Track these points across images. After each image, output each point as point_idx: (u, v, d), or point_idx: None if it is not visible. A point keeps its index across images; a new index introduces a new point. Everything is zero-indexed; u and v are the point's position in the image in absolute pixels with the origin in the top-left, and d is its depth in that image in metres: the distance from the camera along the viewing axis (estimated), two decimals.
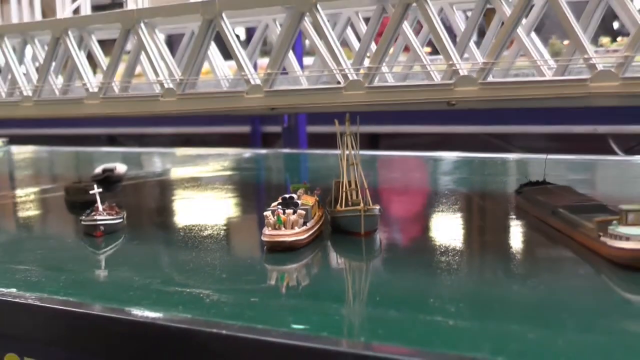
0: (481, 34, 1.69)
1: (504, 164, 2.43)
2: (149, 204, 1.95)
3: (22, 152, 3.50)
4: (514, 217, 1.53)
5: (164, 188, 2.24)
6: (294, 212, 1.30)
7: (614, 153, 3.53)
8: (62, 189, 1.97)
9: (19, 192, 2.22)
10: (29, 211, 1.91)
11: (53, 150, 3.59)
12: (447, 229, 1.51)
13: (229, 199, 2.03)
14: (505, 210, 1.61)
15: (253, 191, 2.20)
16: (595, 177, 2.20)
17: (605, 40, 3.55)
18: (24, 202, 2.03)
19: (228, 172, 2.52)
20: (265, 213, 1.31)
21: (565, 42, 3.35)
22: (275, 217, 1.29)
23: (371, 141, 4.05)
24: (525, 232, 1.43)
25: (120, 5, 1.71)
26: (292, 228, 1.28)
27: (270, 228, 1.28)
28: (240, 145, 4.05)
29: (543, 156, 2.28)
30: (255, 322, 0.95)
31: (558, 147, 3.70)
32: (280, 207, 1.33)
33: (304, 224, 1.31)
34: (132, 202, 1.94)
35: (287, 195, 1.37)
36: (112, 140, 5.11)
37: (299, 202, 1.36)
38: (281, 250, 1.27)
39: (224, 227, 1.63)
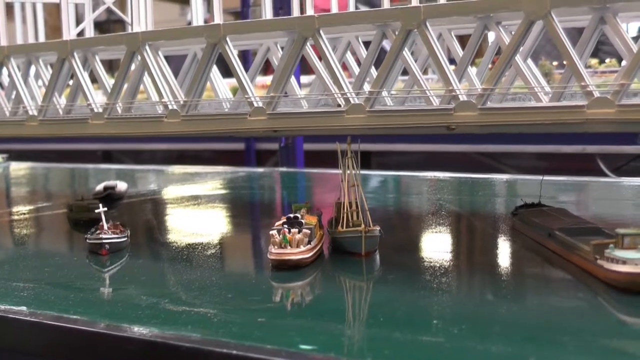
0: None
1: (497, 185, 2.46)
2: (151, 223, 1.97)
3: (21, 168, 3.51)
4: (511, 239, 1.56)
5: (165, 206, 2.26)
6: (299, 232, 1.34)
7: (602, 172, 3.56)
8: (64, 206, 1.99)
9: (22, 208, 2.23)
10: (33, 228, 1.93)
11: (50, 167, 3.60)
12: (446, 250, 1.54)
13: (230, 218, 2.06)
14: (502, 232, 1.64)
15: (253, 210, 2.22)
16: (587, 198, 2.23)
17: (593, 61, 3.59)
18: (27, 219, 2.04)
19: (227, 191, 2.54)
20: (271, 232, 1.35)
21: (554, 62, 3.40)
22: (281, 236, 1.33)
23: (363, 159, 4.06)
24: (523, 254, 1.46)
25: (117, 22, 1.74)
26: (298, 247, 1.33)
27: (276, 247, 1.33)
28: (234, 162, 4.06)
29: (534, 177, 2.32)
30: (264, 342, 0.97)
31: (547, 167, 3.72)
32: (285, 226, 1.37)
33: (309, 242, 1.35)
34: (135, 220, 1.96)
35: (291, 215, 1.42)
36: (108, 156, 5.12)
37: (303, 221, 1.40)
38: (287, 268, 1.31)
39: (227, 246, 1.65)
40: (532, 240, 1.47)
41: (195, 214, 2.06)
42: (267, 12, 1.67)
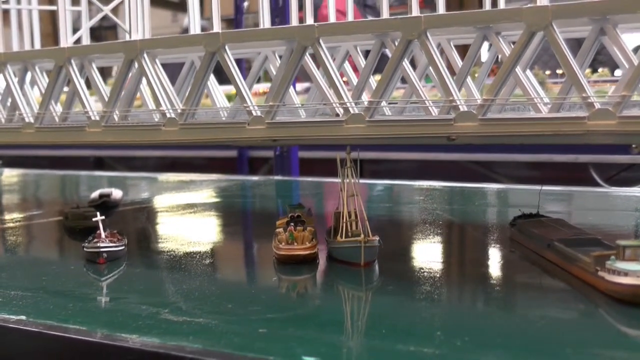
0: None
1: (493, 195, 2.46)
2: (148, 231, 1.96)
3: (13, 175, 3.49)
4: (509, 250, 1.55)
5: (161, 214, 2.25)
6: (304, 229, 1.42)
7: (594, 182, 3.57)
8: (58, 214, 1.98)
9: (16, 216, 2.21)
10: (28, 236, 1.91)
11: (43, 173, 3.59)
12: (445, 260, 1.53)
13: (227, 227, 2.05)
14: (500, 242, 1.63)
15: (249, 219, 2.21)
16: (583, 209, 2.22)
17: (587, 71, 3.60)
18: (21, 227, 2.03)
19: (222, 199, 2.54)
20: (277, 230, 1.44)
21: (547, 72, 3.41)
22: (288, 233, 1.41)
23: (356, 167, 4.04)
24: (523, 266, 1.45)
25: (109, 29, 1.74)
26: (304, 243, 1.41)
27: (283, 243, 1.41)
28: (227, 169, 4.05)
29: (529, 187, 2.33)
30: (266, 353, 0.97)
31: (540, 176, 3.73)
32: (292, 224, 1.45)
33: (312, 239, 1.43)
34: (131, 228, 1.94)
35: (294, 214, 1.52)
36: (100, 163, 5.10)
37: (304, 220, 1.49)
38: (295, 263, 1.39)
39: (225, 255, 1.65)
40: (531, 251, 1.47)
41: (192, 222, 2.05)
42: (265, 21, 1.66)
